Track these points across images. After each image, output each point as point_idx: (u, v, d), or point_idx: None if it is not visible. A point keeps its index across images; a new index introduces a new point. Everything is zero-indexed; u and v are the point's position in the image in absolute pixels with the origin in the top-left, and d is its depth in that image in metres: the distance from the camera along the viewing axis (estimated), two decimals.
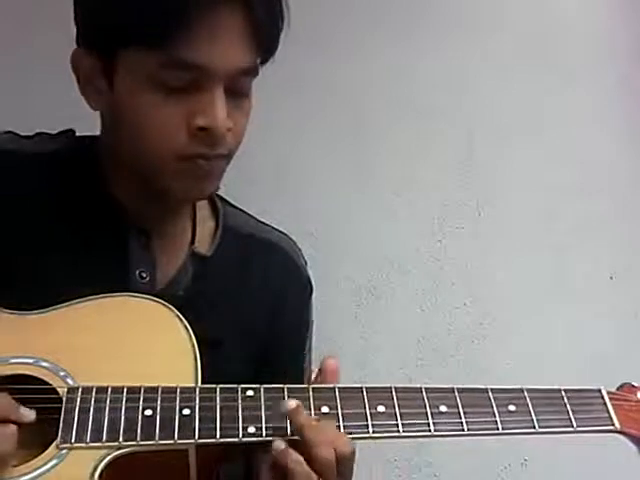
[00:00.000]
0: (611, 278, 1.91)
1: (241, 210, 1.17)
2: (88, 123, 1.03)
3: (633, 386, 0.95)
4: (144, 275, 1.03)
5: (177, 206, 1.07)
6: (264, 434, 0.85)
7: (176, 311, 0.95)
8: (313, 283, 1.19)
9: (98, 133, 1.05)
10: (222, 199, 1.15)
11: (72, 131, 1.10)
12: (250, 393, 0.88)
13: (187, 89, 0.92)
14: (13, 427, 0.81)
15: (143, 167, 0.97)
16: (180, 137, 0.93)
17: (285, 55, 0.98)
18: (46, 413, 0.85)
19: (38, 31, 1.55)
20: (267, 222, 1.18)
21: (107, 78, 0.95)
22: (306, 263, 1.19)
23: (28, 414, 0.83)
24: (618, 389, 0.95)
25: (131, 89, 0.93)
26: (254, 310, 1.10)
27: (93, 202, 1.03)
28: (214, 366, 0.92)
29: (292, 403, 0.86)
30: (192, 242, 1.08)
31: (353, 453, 0.87)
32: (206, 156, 0.95)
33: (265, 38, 0.95)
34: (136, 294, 0.98)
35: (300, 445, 0.84)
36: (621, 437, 0.91)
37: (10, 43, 1.58)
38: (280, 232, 1.18)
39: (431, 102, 1.80)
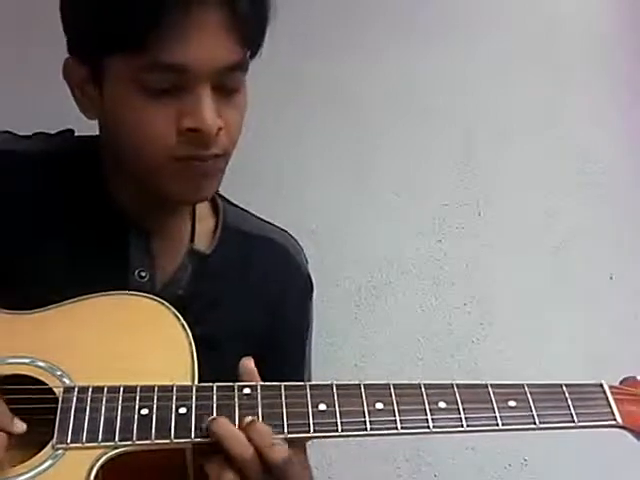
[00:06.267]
0: (611, 278, 1.91)
1: (242, 208, 1.17)
2: (87, 123, 1.02)
3: (636, 380, 0.94)
4: (143, 274, 1.02)
5: (177, 207, 1.06)
6: None
7: (173, 309, 0.95)
8: (314, 281, 1.19)
9: (97, 133, 1.05)
10: (222, 197, 1.14)
11: (71, 131, 1.09)
12: (247, 391, 0.87)
13: (173, 91, 0.90)
14: (4, 436, 0.81)
15: (141, 170, 0.96)
16: (171, 139, 0.92)
17: (285, 55, 0.97)
18: (43, 413, 0.85)
19: (39, 31, 1.55)
20: (268, 220, 1.18)
21: (97, 86, 0.94)
22: (307, 261, 1.18)
23: (20, 426, 0.83)
24: (621, 383, 0.94)
25: (119, 95, 0.92)
26: (254, 308, 1.09)
27: (93, 202, 1.03)
28: (213, 364, 0.91)
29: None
30: (192, 240, 1.07)
31: (284, 461, 0.83)
32: (200, 157, 0.93)
33: (250, 31, 0.93)
34: (134, 292, 0.97)
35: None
36: (623, 432, 0.90)
37: (9, 42, 1.57)
38: (281, 230, 1.17)
39: (431, 102, 1.80)
